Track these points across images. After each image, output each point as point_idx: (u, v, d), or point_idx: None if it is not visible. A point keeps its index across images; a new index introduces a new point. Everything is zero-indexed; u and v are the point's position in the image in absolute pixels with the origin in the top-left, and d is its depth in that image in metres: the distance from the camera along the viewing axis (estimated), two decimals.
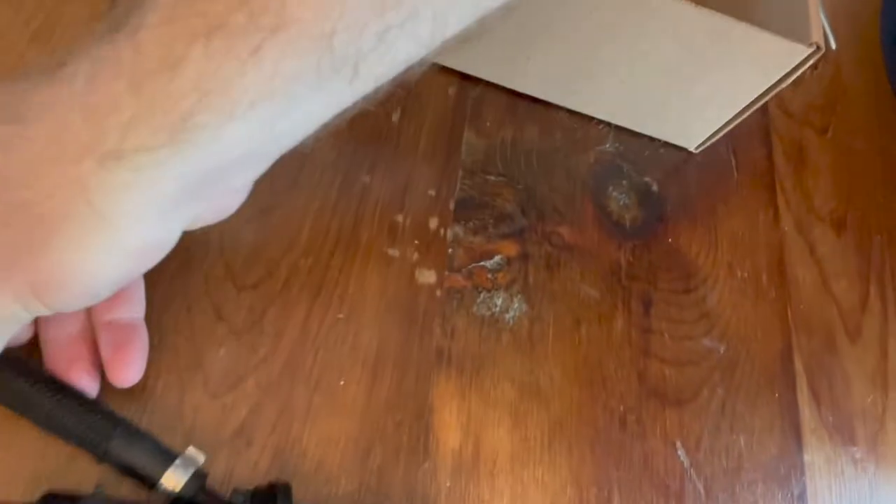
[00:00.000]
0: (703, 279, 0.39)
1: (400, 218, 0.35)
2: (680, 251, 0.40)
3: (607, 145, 0.41)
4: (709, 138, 0.41)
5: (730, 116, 0.39)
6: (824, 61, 0.51)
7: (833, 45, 0.51)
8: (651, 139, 0.42)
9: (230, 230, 0.31)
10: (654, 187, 0.41)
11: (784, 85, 0.36)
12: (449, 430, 0.31)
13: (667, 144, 0.43)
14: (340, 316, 0.32)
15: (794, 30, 0.35)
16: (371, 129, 0.37)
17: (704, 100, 0.38)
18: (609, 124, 0.42)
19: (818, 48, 0.34)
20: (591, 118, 0.42)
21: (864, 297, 0.43)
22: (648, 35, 0.34)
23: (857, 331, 0.41)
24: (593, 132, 0.41)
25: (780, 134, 0.46)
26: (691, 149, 0.43)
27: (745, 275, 0.40)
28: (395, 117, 0.37)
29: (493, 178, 0.38)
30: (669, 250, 0.40)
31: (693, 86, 0.37)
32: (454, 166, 0.37)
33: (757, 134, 0.46)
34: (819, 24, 0.34)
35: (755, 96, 0.37)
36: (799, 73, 0.35)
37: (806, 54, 0.34)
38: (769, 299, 0.40)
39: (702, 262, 0.40)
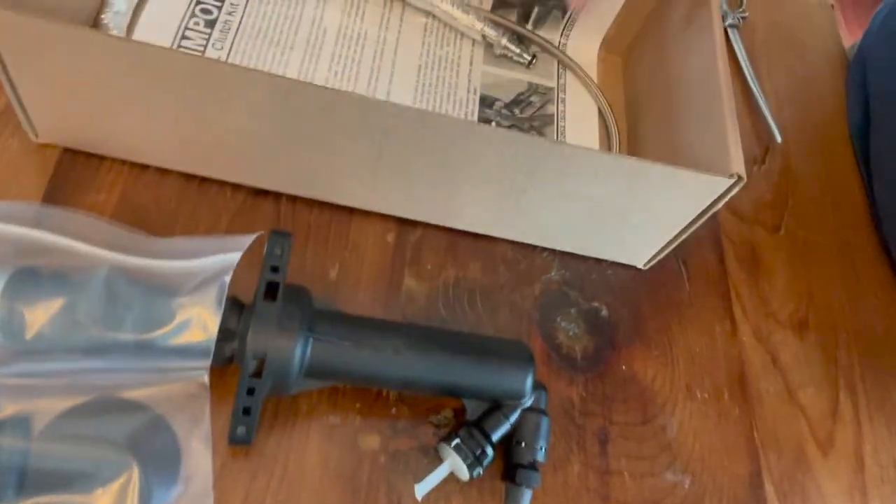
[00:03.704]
0: (661, 406, 0.38)
1: None
2: (635, 378, 0.39)
3: (553, 273, 0.41)
4: (655, 255, 0.41)
5: (670, 238, 0.39)
6: (771, 155, 0.51)
7: (778, 139, 0.51)
8: (598, 261, 0.42)
9: None
10: (604, 312, 0.41)
11: (718, 207, 0.36)
12: None
13: (615, 264, 0.42)
14: (279, 497, 0.31)
15: (715, 158, 0.35)
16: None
17: (641, 226, 0.38)
18: (554, 251, 0.42)
19: (739, 178, 0.34)
20: (535, 247, 0.42)
21: (833, 403, 0.41)
22: (570, 177, 0.35)
23: (830, 441, 0.40)
24: (538, 262, 0.41)
25: (731, 237, 0.46)
26: (640, 266, 0.43)
27: (706, 395, 0.39)
28: (334, 274, 0.38)
29: (436, 324, 0.38)
30: (624, 378, 0.39)
31: (626, 216, 0.37)
32: (394, 317, 0.37)
33: (707, 240, 0.45)
34: (739, 151, 0.34)
35: (689, 220, 0.37)
36: (728, 198, 0.35)
37: (728, 185, 0.34)
38: (732, 419, 0.39)
39: (658, 386, 0.39)
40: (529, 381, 0.33)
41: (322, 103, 0.31)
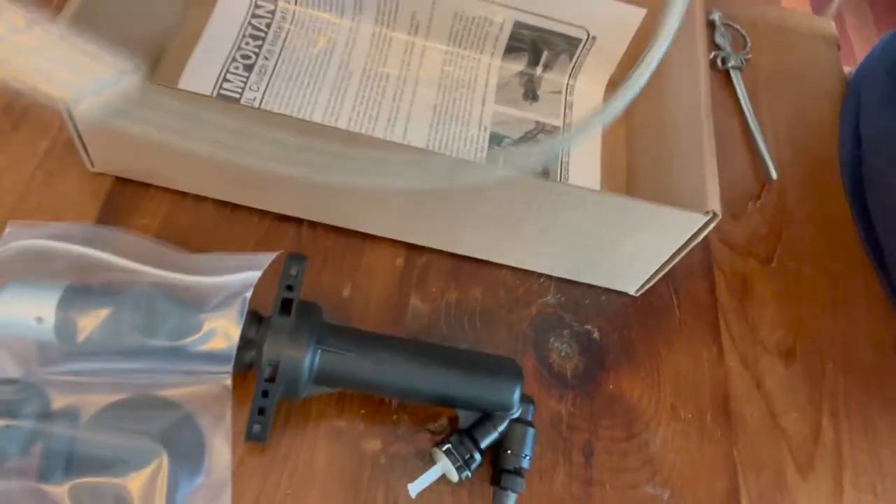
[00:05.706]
0: (645, 423, 0.41)
1: None
2: (622, 397, 0.42)
3: (549, 297, 0.45)
4: (646, 283, 0.44)
5: (657, 267, 0.42)
6: (767, 191, 0.53)
7: (774, 176, 0.54)
8: (592, 287, 0.45)
9: None
10: (596, 334, 0.44)
11: (699, 240, 0.39)
12: None
13: (608, 290, 0.46)
14: (289, 492, 0.35)
15: (695, 195, 0.38)
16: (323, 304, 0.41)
17: (631, 256, 0.42)
18: (551, 277, 0.45)
19: (714, 215, 0.37)
20: (534, 273, 0.45)
21: (815, 429, 0.44)
22: (564, 211, 0.38)
23: (809, 465, 0.42)
24: (535, 286, 0.45)
25: (723, 267, 0.49)
26: (632, 292, 0.46)
27: (689, 415, 0.42)
28: (346, 292, 0.42)
29: (437, 340, 0.41)
30: (612, 397, 0.42)
31: (616, 246, 0.41)
32: (399, 333, 0.41)
33: (699, 269, 0.48)
34: (715, 189, 0.38)
35: (673, 252, 0.40)
36: (706, 232, 0.38)
37: (704, 221, 0.37)
38: (714, 439, 0.42)
39: (644, 405, 0.42)
40: (517, 395, 0.36)
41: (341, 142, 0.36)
